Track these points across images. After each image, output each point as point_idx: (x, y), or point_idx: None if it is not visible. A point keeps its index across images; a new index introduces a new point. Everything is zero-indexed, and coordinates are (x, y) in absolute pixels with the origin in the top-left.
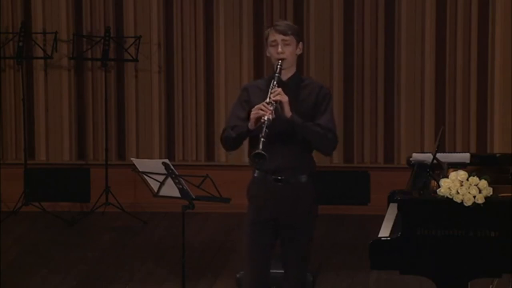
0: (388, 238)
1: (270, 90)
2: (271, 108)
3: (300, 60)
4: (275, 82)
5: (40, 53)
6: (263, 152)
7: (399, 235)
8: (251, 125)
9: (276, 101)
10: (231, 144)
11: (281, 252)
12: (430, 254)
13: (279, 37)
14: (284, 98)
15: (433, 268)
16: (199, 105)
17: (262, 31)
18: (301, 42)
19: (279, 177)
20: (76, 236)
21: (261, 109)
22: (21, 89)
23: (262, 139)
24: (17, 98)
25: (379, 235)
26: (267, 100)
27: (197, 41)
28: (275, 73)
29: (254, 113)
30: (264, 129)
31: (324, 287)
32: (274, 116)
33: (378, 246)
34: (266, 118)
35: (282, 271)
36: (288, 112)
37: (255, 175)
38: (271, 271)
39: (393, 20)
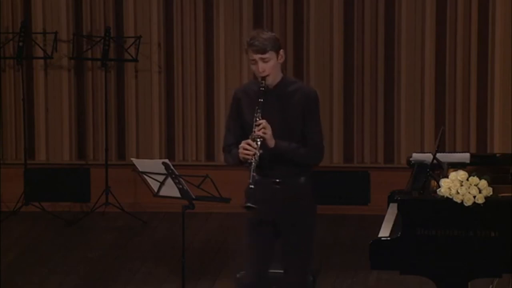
0: (388, 238)
1: (254, 120)
2: (256, 146)
3: (300, 60)
4: (259, 110)
5: (40, 53)
6: (253, 206)
7: (399, 235)
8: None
9: (260, 136)
10: (233, 165)
11: (282, 253)
12: (430, 254)
13: (257, 56)
14: (267, 134)
15: (433, 268)
16: (199, 105)
17: None
18: (281, 50)
19: (277, 180)
20: (76, 236)
21: (247, 149)
22: (21, 89)
23: (252, 174)
24: (17, 98)
25: (379, 235)
26: (252, 135)
27: (197, 41)
28: (260, 86)
29: (241, 152)
30: (253, 165)
31: (324, 287)
32: (261, 151)
33: (378, 246)
34: (252, 160)
35: (282, 271)
36: (271, 144)
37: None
38: (271, 271)
39: (393, 20)
